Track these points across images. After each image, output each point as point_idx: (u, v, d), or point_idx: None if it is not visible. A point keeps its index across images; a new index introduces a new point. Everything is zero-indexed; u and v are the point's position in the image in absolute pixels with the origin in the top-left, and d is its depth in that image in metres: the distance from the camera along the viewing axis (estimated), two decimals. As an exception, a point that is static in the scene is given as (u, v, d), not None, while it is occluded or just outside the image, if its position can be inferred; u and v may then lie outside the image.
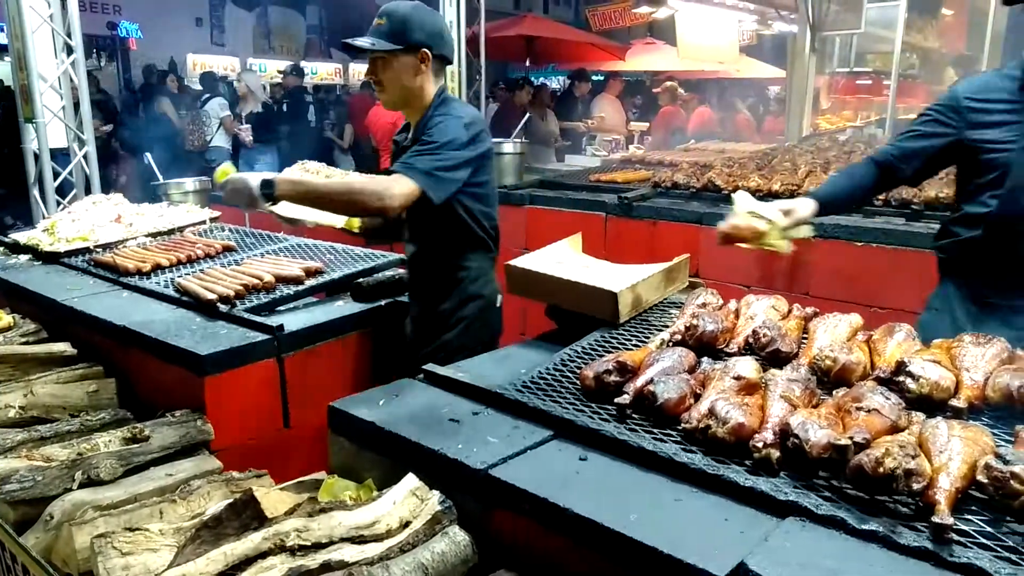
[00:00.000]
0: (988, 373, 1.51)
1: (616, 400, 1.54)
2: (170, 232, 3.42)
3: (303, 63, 13.08)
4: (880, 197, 3.51)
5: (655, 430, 1.48)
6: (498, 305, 2.51)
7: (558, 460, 1.44)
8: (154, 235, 3.36)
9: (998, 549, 1.10)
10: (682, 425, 1.45)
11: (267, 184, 2.11)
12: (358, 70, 16.79)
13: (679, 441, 1.43)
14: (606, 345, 1.92)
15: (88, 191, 4.99)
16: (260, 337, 2.20)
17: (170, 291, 2.62)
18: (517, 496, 1.35)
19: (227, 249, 3.12)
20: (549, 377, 1.74)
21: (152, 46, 13.79)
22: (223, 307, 2.40)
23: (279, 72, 13.34)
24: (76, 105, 5.02)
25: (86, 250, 3.17)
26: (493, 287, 2.49)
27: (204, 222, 3.57)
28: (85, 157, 5.02)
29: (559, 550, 1.30)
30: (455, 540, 1.35)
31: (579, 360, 1.83)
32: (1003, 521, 1.17)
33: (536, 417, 1.58)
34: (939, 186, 3.46)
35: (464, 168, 2.25)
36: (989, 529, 1.15)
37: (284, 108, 9.82)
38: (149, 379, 2.28)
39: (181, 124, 9.36)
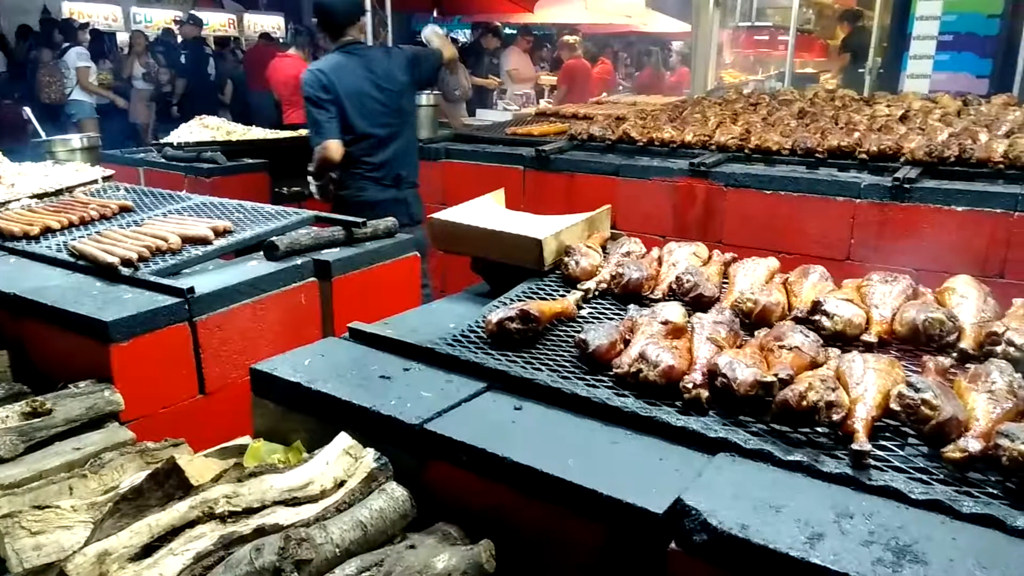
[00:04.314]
0: (895, 309, 1.59)
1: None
2: (58, 193, 3.17)
3: (193, 12, 12.23)
4: (786, 146, 3.63)
5: (588, 377, 1.49)
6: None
7: (493, 411, 1.44)
8: (40, 196, 3.10)
9: (911, 471, 1.17)
10: (614, 371, 1.46)
11: None
12: (254, 21, 15.89)
13: (611, 386, 1.45)
14: (534, 297, 1.92)
15: (-41, 150, 4.55)
16: (169, 301, 2.08)
17: (63, 255, 2.43)
18: (454, 448, 1.34)
19: (124, 209, 2.92)
20: (479, 330, 1.72)
21: (23, -9, 12.54)
22: (125, 270, 2.25)
23: (174, 21, 12.46)
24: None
25: (-38, 214, 2.90)
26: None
27: (96, 181, 3.33)
28: (-48, 113, 4.56)
29: (499, 499, 1.30)
30: (393, 496, 1.32)
31: (508, 312, 1.81)
32: (914, 445, 1.25)
33: (469, 370, 1.57)
34: (840, 135, 3.61)
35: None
36: (902, 453, 1.22)
37: (182, 60, 9.22)
38: (47, 350, 2.13)
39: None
